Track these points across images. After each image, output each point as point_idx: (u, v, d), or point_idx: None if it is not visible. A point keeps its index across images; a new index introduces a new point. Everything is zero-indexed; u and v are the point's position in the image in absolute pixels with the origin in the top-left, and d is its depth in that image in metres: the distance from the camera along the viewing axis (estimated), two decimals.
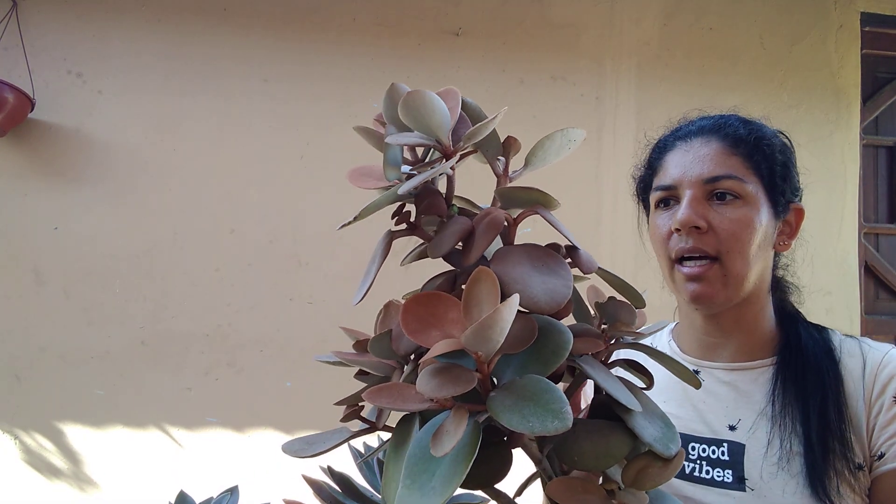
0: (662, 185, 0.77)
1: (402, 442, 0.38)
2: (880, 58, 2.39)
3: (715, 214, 0.72)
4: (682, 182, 0.74)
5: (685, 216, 0.71)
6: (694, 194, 0.73)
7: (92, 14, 1.97)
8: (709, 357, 0.80)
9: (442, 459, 0.32)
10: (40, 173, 1.93)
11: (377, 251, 0.43)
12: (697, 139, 0.77)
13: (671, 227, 0.74)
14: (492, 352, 0.32)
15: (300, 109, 2.04)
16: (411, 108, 0.42)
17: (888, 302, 2.36)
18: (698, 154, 0.75)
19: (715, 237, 0.71)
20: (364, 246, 2.03)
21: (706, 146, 0.75)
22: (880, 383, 0.70)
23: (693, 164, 0.74)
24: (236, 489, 0.57)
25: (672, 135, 0.82)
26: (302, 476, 0.54)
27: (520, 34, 2.16)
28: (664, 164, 0.78)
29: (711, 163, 0.73)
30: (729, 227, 0.71)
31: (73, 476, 1.90)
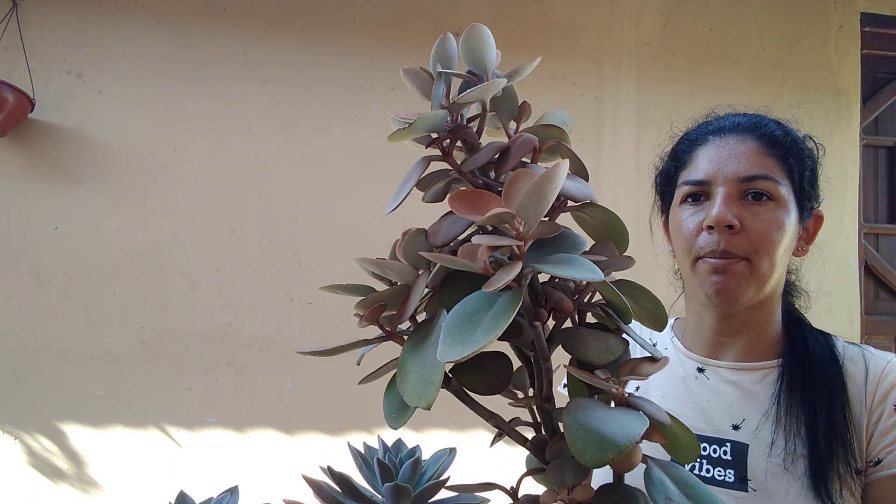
0: (693, 179, 0.74)
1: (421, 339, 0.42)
2: (880, 58, 2.39)
3: (748, 214, 0.70)
4: (715, 178, 0.72)
5: (720, 214, 0.69)
6: (728, 192, 0.71)
7: (92, 14, 1.97)
8: (714, 355, 0.79)
9: (482, 317, 0.35)
10: (40, 173, 1.93)
11: (412, 172, 0.47)
12: (733, 136, 0.75)
13: (700, 224, 0.72)
14: (538, 217, 0.36)
15: (300, 109, 2.04)
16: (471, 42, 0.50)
17: (888, 302, 2.36)
18: (734, 151, 0.73)
19: (746, 238, 0.70)
20: (364, 246, 2.04)
21: (742, 144, 0.73)
22: (882, 391, 0.71)
23: (729, 161, 0.72)
24: (236, 489, 0.57)
25: (704, 128, 0.79)
26: (302, 476, 0.54)
27: (520, 34, 2.16)
28: (695, 159, 0.76)
29: (748, 161, 0.72)
30: (761, 228, 0.70)
31: (73, 476, 1.90)
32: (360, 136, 2.06)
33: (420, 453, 0.59)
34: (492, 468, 2.05)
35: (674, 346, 0.84)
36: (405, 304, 0.44)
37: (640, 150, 2.16)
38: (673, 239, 0.79)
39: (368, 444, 0.61)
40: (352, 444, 0.59)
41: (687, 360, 0.80)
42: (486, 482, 0.51)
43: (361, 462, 0.58)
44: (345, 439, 2.02)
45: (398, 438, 0.62)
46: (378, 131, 2.07)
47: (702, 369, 0.79)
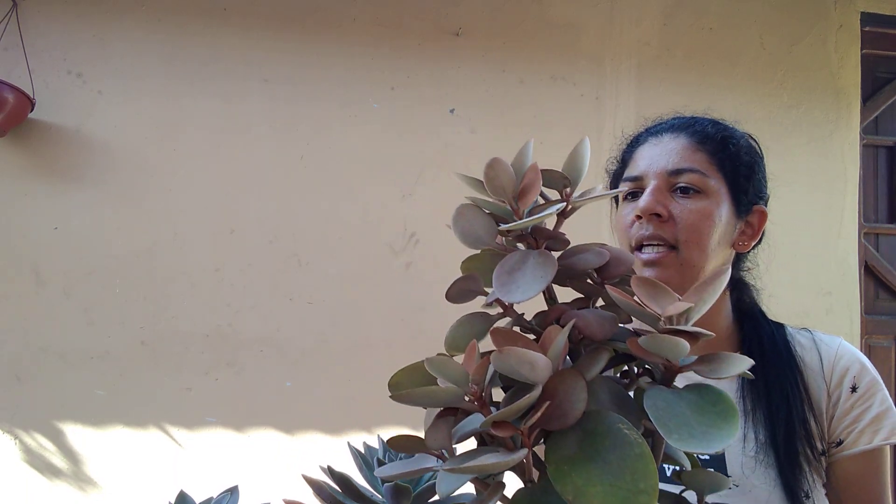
0: (630, 176, 0.79)
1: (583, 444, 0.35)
2: (880, 58, 2.39)
3: (676, 205, 0.74)
4: (647, 173, 0.77)
5: (647, 203, 0.73)
6: (657, 184, 0.75)
7: (92, 14, 1.97)
8: None
9: (702, 417, 0.34)
10: (40, 173, 1.93)
11: (546, 270, 0.45)
12: (667, 134, 0.79)
13: (634, 216, 0.76)
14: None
15: (300, 109, 2.04)
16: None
17: (888, 302, 2.36)
18: (666, 148, 0.77)
19: (674, 226, 0.73)
20: (364, 246, 2.04)
21: (674, 141, 0.78)
22: (838, 375, 0.74)
23: (660, 157, 0.77)
24: (236, 489, 0.57)
25: (645, 131, 0.85)
26: (302, 476, 0.54)
27: (520, 34, 2.16)
28: (634, 158, 0.81)
29: (677, 156, 0.76)
30: (688, 217, 0.73)
31: (73, 476, 1.90)
32: (361, 136, 2.06)
33: None
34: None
35: None
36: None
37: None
38: (616, 233, 0.83)
39: (368, 444, 0.61)
40: (352, 444, 0.59)
41: None
42: None
43: (361, 462, 0.58)
44: (345, 439, 2.02)
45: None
46: (378, 131, 2.07)
47: None
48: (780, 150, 2.26)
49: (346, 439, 1.99)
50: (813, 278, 2.24)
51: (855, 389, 0.74)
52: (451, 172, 2.10)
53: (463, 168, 2.10)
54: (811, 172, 2.27)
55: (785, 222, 2.28)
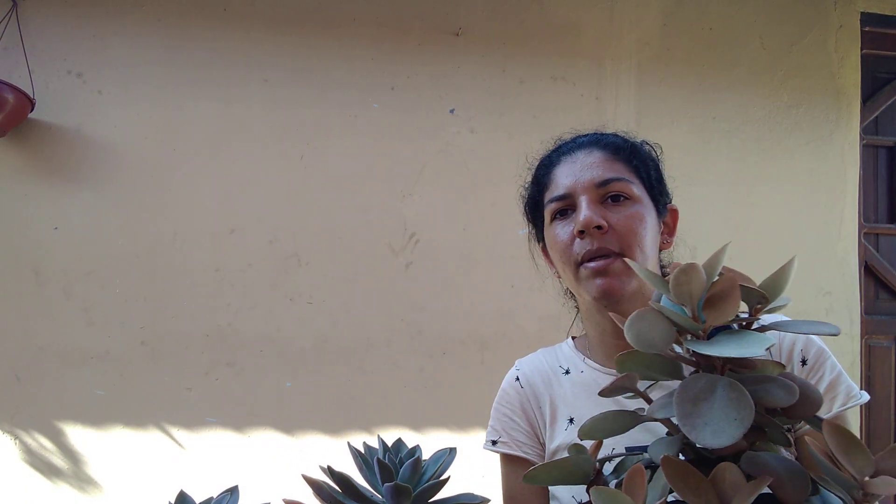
0: (556, 195, 0.79)
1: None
2: (880, 58, 2.39)
3: (611, 214, 0.75)
4: (575, 189, 0.77)
5: (587, 217, 0.74)
6: (589, 198, 0.76)
7: (92, 14, 1.97)
8: None
9: None
10: (40, 173, 1.93)
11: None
12: (580, 151, 0.81)
13: (573, 232, 0.76)
14: None
15: (300, 109, 2.04)
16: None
17: (888, 302, 2.36)
18: (585, 163, 0.79)
19: (615, 234, 0.74)
20: (364, 246, 2.04)
21: (590, 156, 0.79)
22: (786, 351, 0.75)
23: (583, 172, 0.78)
24: (236, 489, 0.57)
25: (555, 152, 0.85)
26: (302, 476, 0.54)
27: (520, 34, 2.16)
28: (553, 178, 0.81)
29: (600, 168, 0.78)
30: (626, 223, 0.75)
31: (73, 476, 1.90)
32: (361, 136, 2.06)
33: (420, 453, 0.59)
34: (492, 468, 2.05)
35: (589, 367, 0.84)
36: None
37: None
38: (552, 256, 0.83)
39: (368, 444, 0.61)
40: (352, 444, 0.59)
41: (608, 377, 0.81)
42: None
43: (361, 462, 0.58)
44: (345, 439, 2.02)
45: (398, 438, 0.62)
46: (378, 131, 2.08)
47: None
48: (780, 150, 2.26)
49: (346, 439, 1.99)
50: (813, 278, 2.24)
51: (805, 362, 0.74)
52: (451, 172, 2.10)
53: (463, 168, 2.10)
54: (811, 172, 2.27)
55: (785, 222, 2.28)
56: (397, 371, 2.02)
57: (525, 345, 2.08)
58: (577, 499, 0.75)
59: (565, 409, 0.82)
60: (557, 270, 0.84)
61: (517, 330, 2.08)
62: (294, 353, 1.99)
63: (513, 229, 2.11)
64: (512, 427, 0.86)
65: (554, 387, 0.85)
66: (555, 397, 0.83)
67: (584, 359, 0.85)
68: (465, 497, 0.56)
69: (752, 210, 2.21)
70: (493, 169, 2.11)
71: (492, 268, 2.08)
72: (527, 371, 0.89)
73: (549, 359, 0.89)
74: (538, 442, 0.84)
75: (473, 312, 2.06)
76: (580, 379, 0.83)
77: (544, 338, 2.09)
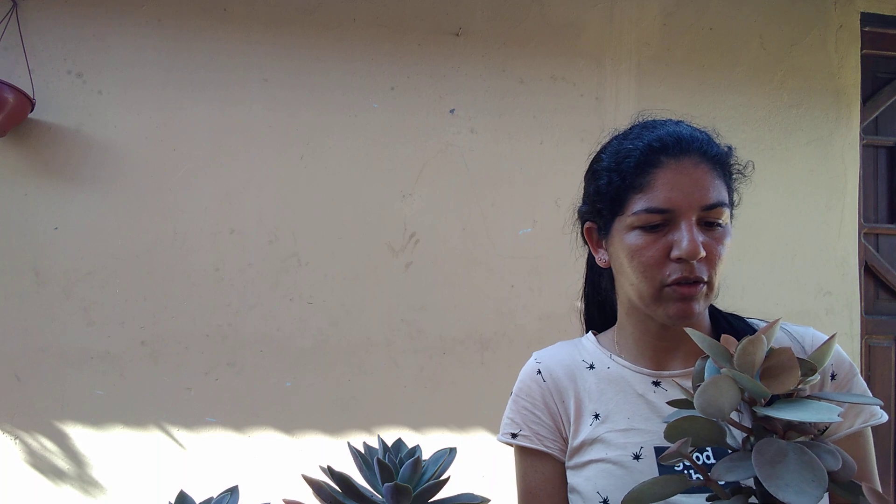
0: (656, 208, 0.71)
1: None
2: (880, 58, 2.39)
3: (708, 240, 0.71)
4: (681, 208, 0.71)
5: (694, 248, 0.69)
6: (694, 222, 0.71)
7: (92, 14, 1.97)
8: (663, 366, 0.79)
9: None
10: (40, 173, 1.93)
11: None
12: (687, 159, 0.72)
13: (665, 253, 0.71)
14: None
15: (300, 109, 2.04)
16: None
17: (888, 302, 2.36)
18: (692, 177, 0.71)
19: (708, 262, 0.71)
20: (364, 246, 2.04)
21: (697, 168, 0.72)
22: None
23: (691, 188, 0.71)
24: (236, 489, 0.57)
25: (655, 148, 0.74)
26: (302, 476, 0.54)
27: (520, 34, 2.16)
28: (653, 183, 0.72)
29: (709, 187, 0.71)
30: (717, 250, 0.72)
31: (72, 476, 1.90)
32: (361, 136, 2.06)
33: (420, 453, 0.59)
34: (492, 468, 2.06)
35: (618, 363, 0.82)
36: None
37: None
38: (624, 262, 0.75)
39: (368, 444, 0.61)
40: (352, 444, 0.59)
41: (640, 375, 0.80)
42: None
43: (361, 462, 0.58)
44: (345, 439, 2.02)
45: (398, 438, 0.62)
46: (378, 131, 2.08)
47: (657, 382, 0.78)
48: (780, 150, 2.26)
49: (346, 439, 1.99)
50: (813, 278, 2.24)
51: (834, 377, 0.74)
52: (451, 172, 2.10)
53: (463, 168, 2.10)
54: (811, 172, 2.27)
55: (785, 222, 2.28)
56: (397, 371, 2.02)
57: (525, 345, 2.08)
58: (602, 495, 0.74)
59: (591, 404, 0.80)
60: (625, 273, 0.76)
61: (517, 330, 2.08)
62: (294, 353, 1.99)
63: (513, 229, 2.11)
64: (533, 420, 0.83)
65: (578, 381, 0.83)
66: (579, 392, 0.82)
67: (612, 355, 0.83)
68: (465, 497, 0.56)
69: (752, 210, 2.21)
70: (493, 169, 2.11)
71: (492, 268, 2.08)
72: (549, 364, 0.86)
73: (570, 352, 0.86)
74: (560, 437, 0.82)
75: (473, 312, 2.06)
76: (606, 375, 0.81)
77: (544, 338, 2.09)
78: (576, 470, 0.78)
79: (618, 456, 0.74)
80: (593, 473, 0.75)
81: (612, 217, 0.78)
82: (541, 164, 2.12)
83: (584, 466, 0.77)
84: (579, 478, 0.77)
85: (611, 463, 0.74)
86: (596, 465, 0.76)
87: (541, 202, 2.11)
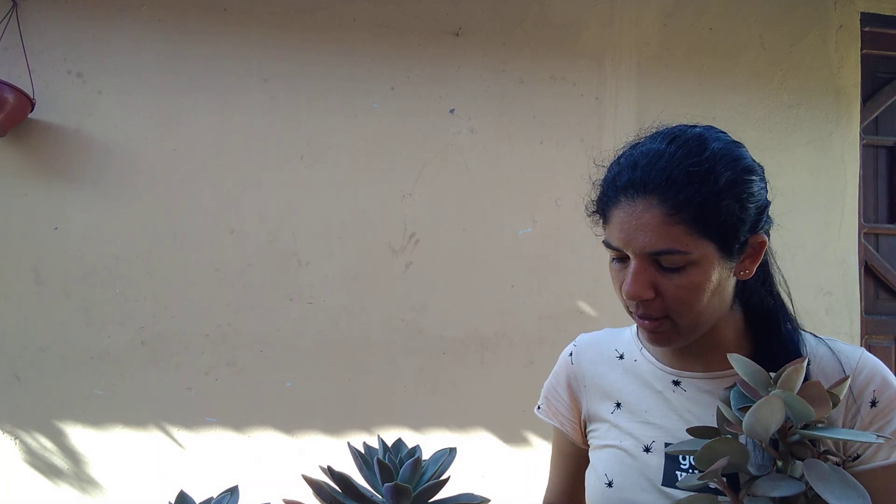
0: (611, 243, 0.73)
1: None
2: (880, 58, 2.39)
3: (663, 281, 0.70)
4: (626, 248, 0.71)
5: (632, 290, 0.70)
6: (639, 265, 0.70)
7: (92, 14, 1.97)
8: (686, 367, 0.79)
9: None
10: (40, 173, 1.93)
11: None
12: (640, 200, 0.70)
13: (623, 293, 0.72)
14: None
15: (300, 109, 2.04)
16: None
17: (888, 302, 2.36)
18: (640, 220, 0.69)
19: (662, 302, 0.70)
20: (364, 246, 2.04)
21: (648, 212, 0.69)
22: (857, 388, 0.71)
23: (636, 233, 0.69)
24: (236, 489, 0.57)
25: (617, 182, 0.74)
26: (302, 476, 0.54)
27: (520, 34, 2.16)
28: (610, 219, 0.73)
29: (652, 235, 0.68)
30: (676, 293, 0.70)
31: (72, 476, 1.90)
32: (360, 136, 2.06)
33: (420, 453, 0.59)
34: (492, 469, 2.06)
35: (645, 358, 0.83)
36: None
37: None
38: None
39: (368, 444, 0.61)
40: (352, 444, 0.59)
41: (661, 373, 0.81)
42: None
43: (361, 462, 0.58)
44: (345, 439, 2.02)
45: (398, 438, 0.62)
46: (378, 131, 2.08)
47: (677, 382, 0.79)
48: (780, 150, 2.26)
49: (346, 439, 1.99)
50: (813, 278, 2.24)
51: (875, 404, 0.71)
52: (451, 172, 2.10)
53: (463, 168, 2.10)
54: (811, 172, 2.27)
55: (785, 222, 2.28)
56: (397, 371, 2.02)
57: (525, 345, 2.08)
58: (608, 477, 0.77)
59: (614, 392, 0.83)
60: None
61: (517, 330, 2.08)
62: (294, 353, 1.99)
63: (513, 229, 2.11)
64: (555, 397, 0.90)
65: (602, 367, 0.86)
66: (604, 379, 0.85)
67: (641, 349, 0.85)
68: (465, 497, 0.56)
69: None
70: (493, 169, 2.11)
71: (492, 268, 2.08)
72: (582, 348, 0.90)
73: (608, 341, 0.89)
74: (577, 417, 0.87)
75: (473, 312, 2.06)
76: (632, 367, 0.84)
77: (544, 338, 2.10)
78: (594, 450, 0.83)
79: (630, 445, 0.78)
80: (605, 456, 0.80)
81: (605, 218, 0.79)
82: (541, 164, 2.12)
83: (600, 449, 0.82)
84: (595, 457, 0.82)
85: (622, 451, 0.78)
86: (609, 450, 0.80)
87: (541, 202, 2.11)
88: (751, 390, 0.58)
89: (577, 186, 2.12)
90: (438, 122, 2.10)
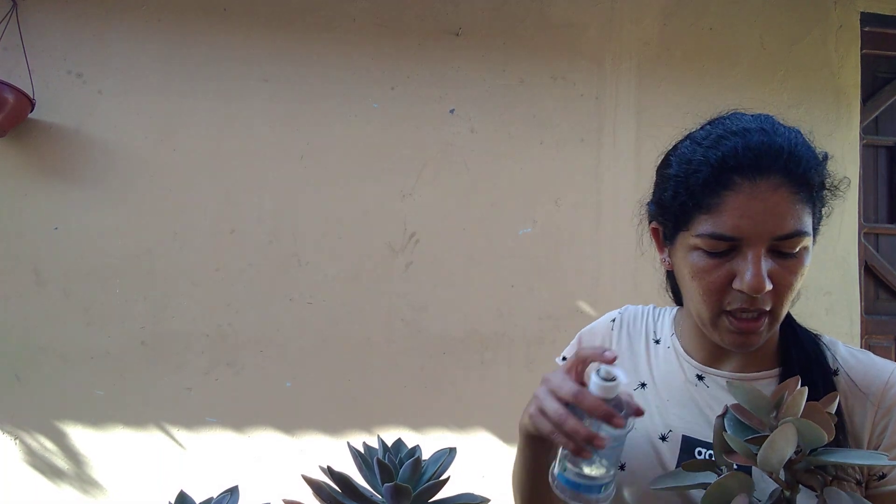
0: (721, 235, 0.65)
1: None
2: (880, 58, 2.39)
3: (777, 269, 0.65)
4: (749, 238, 0.64)
5: (758, 283, 0.63)
6: (761, 253, 0.64)
7: (92, 14, 1.97)
8: (714, 364, 0.78)
9: None
10: (40, 173, 1.93)
11: None
12: (764, 181, 0.64)
13: (727, 280, 0.66)
14: None
15: (300, 109, 2.04)
16: None
17: (888, 302, 2.36)
18: (767, 203, 0.63)
19: (774, 294, 0.65)
20: (364, 246, 2.04)
21: (775, 193, 0.63)
22: (887, 404, 0.68)
23: (764, 217, 0.63)
24: (236, 489, 0.57)
25: (727, 165, 0.66)
26: (302, 476, 0.54)
27: (520, 34, 2.16)
28: (720, 206, 0.65)
29: (783, 217, 0.63)
30: (788, 281, 0.65)
31: (72, 476, 1.90)
32: (361, 136, 2.06)
33: (420, 453, 0.59)
34: (492, 469, 2.06)
35: (674, 347, 0.82)
36: None
37: (640, 150, 2.16)
38: (686, 278, 0.71)
39: (368, 444, 0.61)
40: (352, 444, 0.59)
41: (687, 364, 0.80)
42: None
43: (361, 462, 0.58)
44: (345, 439, 2.02)
45: (398, 438, 0.62)
46: (378, 131, 2.08)
47: (701, 377, 0.78)
48: None
49: (346, 439, 1.99)
50: (813, 278, 2.24)
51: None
52: (451, 172, 2.10)
53: (463, 168, 2.10)
54: None
55: None
56: (397, 371, 2.02)
57: (525, 345, 2.09)
58: (622, 459, 0.75)
59: (642, 372, 0.83)
60: (684, 290, 0.73)
61: (517, 330, 2.08)
62: (294, 353, 1.99)
63: (513, 229, 2.11)
64: None
65: (638, 345, 0.85)
66: (636, 355, 0.84)
67: (673, 335, 0.84)
68: (465, 497, 0.56)
69: None
70: (493, 169, 2.11)
71: (492, 268, 2.08)
72: (626, 319, 0.89)
73: (649, 321, 0.87)
74: None
75: (473, 312, 2.06)
76: (664, 353, 0.83)
77: (544, 338, 2.10)
78: None
79: (647, 430, 0.77)
80: None
81: (675, 230, 0.72)
82: (541, 164, 2.12)
83: None
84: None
85: (639, 434, 0.77)
86: None
87: (541, 202, 2.11)
88: (749, 417, 0.57)
89: (578, 186, 2.12)
90: (438, 122, 2.10)
